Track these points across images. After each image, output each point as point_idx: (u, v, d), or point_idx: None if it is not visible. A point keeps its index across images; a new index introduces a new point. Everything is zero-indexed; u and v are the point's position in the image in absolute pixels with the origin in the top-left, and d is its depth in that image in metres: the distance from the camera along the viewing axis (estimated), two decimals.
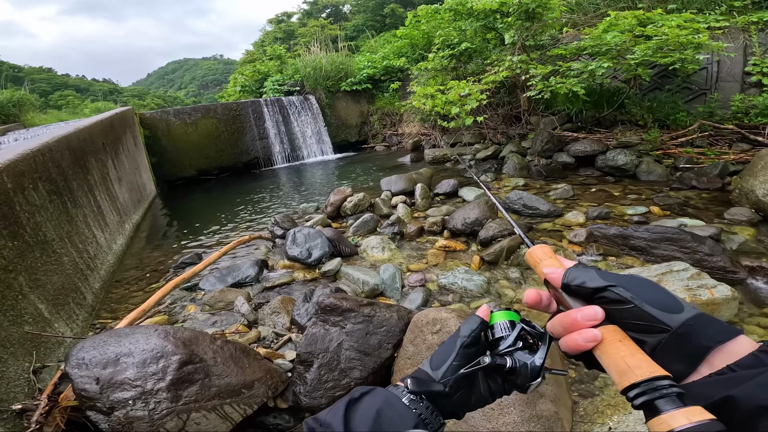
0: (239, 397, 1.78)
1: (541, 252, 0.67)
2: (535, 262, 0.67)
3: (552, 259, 0.65)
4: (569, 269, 0.57)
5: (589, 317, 0.50)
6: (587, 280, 0.53)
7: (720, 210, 3.82)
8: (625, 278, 0.52)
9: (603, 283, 0.51)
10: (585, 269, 0.55)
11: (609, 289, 0.51)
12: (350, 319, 2.14)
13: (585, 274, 0.55)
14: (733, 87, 5.51)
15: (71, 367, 1.63)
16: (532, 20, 6.26)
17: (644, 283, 0.51)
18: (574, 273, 0.56)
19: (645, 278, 0.52)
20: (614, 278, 0.52)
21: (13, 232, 2.37)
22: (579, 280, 0.54)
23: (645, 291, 0.50)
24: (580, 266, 0.56)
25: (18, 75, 37.66)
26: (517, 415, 1.57)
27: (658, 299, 0.48)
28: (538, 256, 0.67)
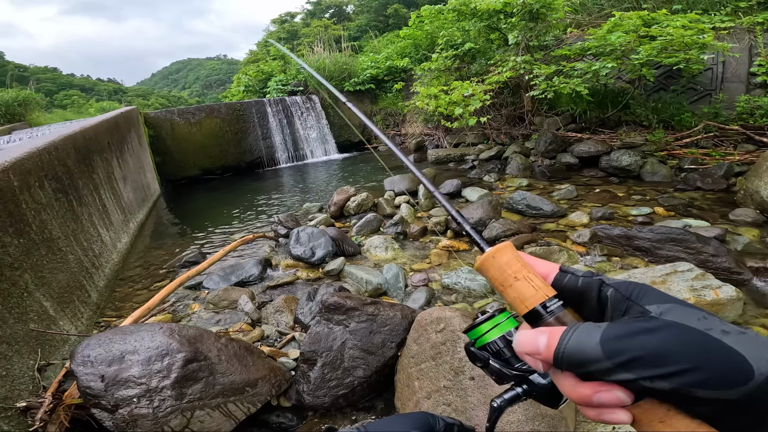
0: (243, 396, 1.78)
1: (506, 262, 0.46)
2: (501, 280, 0.46)
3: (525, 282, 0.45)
4: (562, 346, 0.38)
5: (611, 403, 0.36)
6: (598, 370, 0.35)
7: (725, 211, 3.80)
8: (661, 348, 0.34)
9: (627, 377, 0.34)
10: (586, 335, 0.37)
11: (641, 382, 0.34)
12: (354, 318, 2.14)
13: (591, 352, 0.36)
14: (739, 88, 5.48)
15: (76, 364, 1.63)
16: (536, 21, 6.25)
17: (694, 355, 0.33)
18: (574, 353, 0.37)
19: (692, 332, 0.34)
20: (647, 353, 0.34)
21: (19, 230, 2.38)
22: (586, 369, 0.36)
23: (696, 369, 0.33)
24: (579, 334, 0.38)
25: (23, 74, 37.87)
26: (522, 413, 1.56)
27: (716, 378, 0.33)
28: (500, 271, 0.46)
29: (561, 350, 0.38)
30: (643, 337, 0.35)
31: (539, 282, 0.45)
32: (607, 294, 0.42)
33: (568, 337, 0.38)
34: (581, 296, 0.44)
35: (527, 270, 0.45)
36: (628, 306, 0.40)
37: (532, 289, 0.44)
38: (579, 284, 0.44)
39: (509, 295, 0.46)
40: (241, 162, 9.49)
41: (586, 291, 0.43)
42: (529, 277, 0.45)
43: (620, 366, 0.34)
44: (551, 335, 0.39)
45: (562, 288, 0.45)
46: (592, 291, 0.43)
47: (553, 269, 0.47)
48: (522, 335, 0.42)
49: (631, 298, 0.40)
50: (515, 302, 0.45)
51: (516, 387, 0.48)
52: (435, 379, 1.79)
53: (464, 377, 1.71)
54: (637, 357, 0.34)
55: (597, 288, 0.43)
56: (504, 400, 0.48)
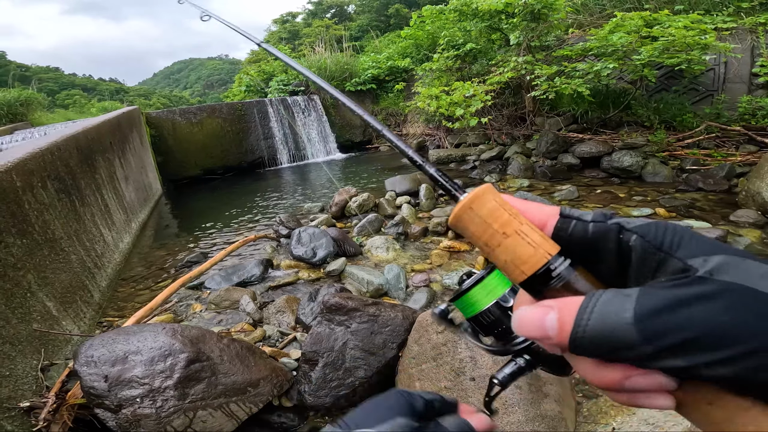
0: (245, 396, 1.79)
1: (489, 212, 0.34)
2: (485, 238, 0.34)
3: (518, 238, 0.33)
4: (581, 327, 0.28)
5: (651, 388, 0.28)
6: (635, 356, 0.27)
7: (726, 212, 3.80)
8: (720, 324, 0.25)
9: (675, 363, 0.26)
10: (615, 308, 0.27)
11: (692, 370, 0.26)
12: (355, 318, 2.15)
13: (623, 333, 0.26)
14: (741, 88, 5.48)
15: (80, 364, 1.64)
16: (537, 21, 6.26)
17: (762, 328, 0.24)
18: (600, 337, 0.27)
19: (758, 298, 0.25)
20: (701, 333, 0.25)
21: (22, 230, 2.40)
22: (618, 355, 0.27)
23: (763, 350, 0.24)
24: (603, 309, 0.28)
25: (25, 74, 37.96)
26: (522, 414, 1.57)
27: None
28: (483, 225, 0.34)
29: (580, 334, 0.28)
30: (695, 308, 0.26)
31: (537, 236, 0.34)
32: (629, 243, 0.31)
33: (587, 313, 0.28)
34: (594, 249, 0.33)
35: (519, 220, 0.34)
36: (661, 259, 0.30)
37: (529, 246, 0.33)
38: (590, 232, 0.33)
39: (499, 257, 0.34)
40: (243, 162, 9.51)
41: (600, 241, 0.33)
42: (523, 230, 0.34)
43: (666, 351, 0.26)
44: (563, 311, 0.29)
45: (567, 240, 0.34)
46: (609, 240, 0.32)
47: (552, 215, 0.35)
48: (522, 314, 0.32)
49: (663, 248, 0.30)
50: (508, 267, 0.34)
51: (517, 358, 0.39)
52: (436, 380, 1.80)
53: (465, 378, 1.72)
54: (689, 339, 0.25)
55: (615, 235, 0.32)
56: (505, 376, 0.39)
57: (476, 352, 1.76)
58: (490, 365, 1.68)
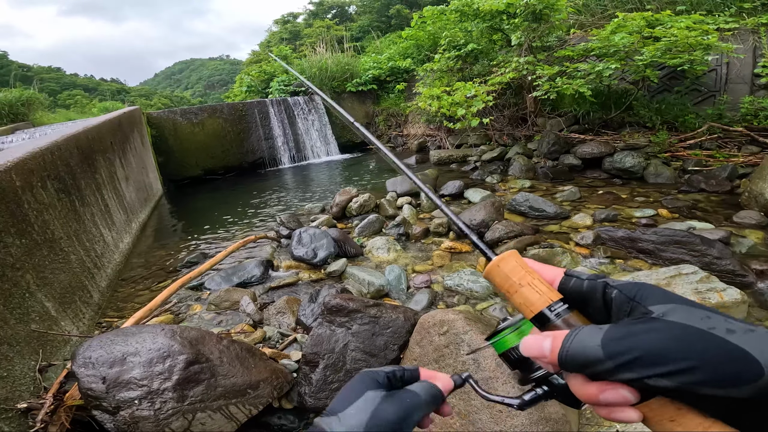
0: (245, 398, 1.77)
1: (510, 269, 0.48)
2: (507, 287, 0.48)
3: (530, 288, 0.46)
4: (565, 349, 0.39)
5: (616, 402, 0.36)
6: (601, 370, 0.36)
7: (729, 213, 3.78)
8: (661, 347, 0.34)
9: (629, 376, 0.35)
10: (588, 337, 0.37)
11: (644, 381, 0.34)
12: (356, 319, 2.13)
13: (592, 353, 0.36)
14: (743, 89, 5.46)
15: (78, 365, 1.63)
16: (539, 21, 6.24)
17: (696, 354, 0.33)
18: (576, 354, 0.38)
19: (695, 332, 0.34)
20: (646, 352, 0.34)
21: (21, 230, 2.38)
22: (589, 370, 0.37)
23: (699, 367, 0.32)
24: (581, 336, 0.38)
25: (27, 74, 38.00)
26: (525, 417, 1.55)
27: (720, 375, 0.32)
28: (505, 278, 0.48)
29: (564, 353, 0.38)
30: (643, 336, 0.35)
31: (543, 287, 0.46)
32: (611, 296, 0.43)
33: (570, 339, 0.39)
34: (586, 299, 0.45)
35: (531, 276, 0.47)
36: (632, 307, 0.40)
37: (536, 294, 0.45)
38: (584, 287, 0.45)
39: (515, 300, 0.47)
40: (243, 162, 9.50)
41: (590, 293, 0.44)
42: (534, 282, 0.46)
43: (622, 366, 0.35)
44: (555, 338, 0.40)
45: (568, 291, 0.46)
46: (597, 293, 0.44)
47: (559, 274, 0.48)
48: (527, 339, 0.43)
49: (636, 299, 0.41)
50: (521, 307, 0.47)
51: (537, 388, 0.48)
52: None
53: None
54: (636, 357, 0.34)
55: (602, 290, 0.44)
56: (524, 401, 0.48)
57: (479, 354, 1.74)
58: (493, 367, 1.66)
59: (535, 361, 0.43)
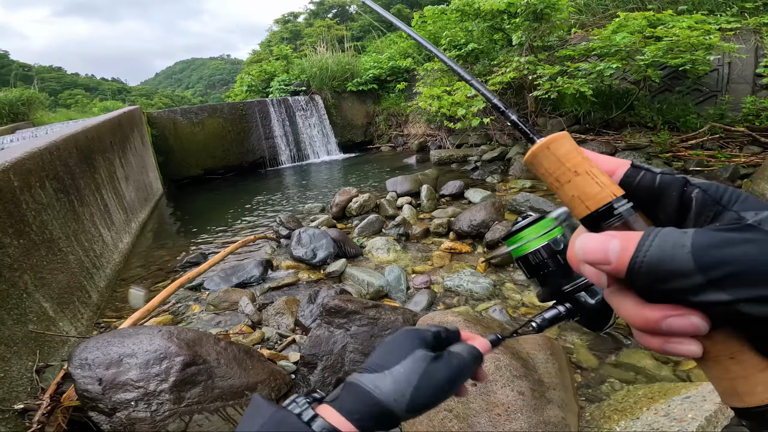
0: (242, 399, 1.76)
1: (564, 153, 0.38)
2: (557, 175, 0.38)
3: (588, 177, 0.37)
4: (641, 253, 0.30)
5: (684, 331, 0.30)
6: (686, 287, 0.28)
7: None
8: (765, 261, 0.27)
9: (721, 297, 0.27)
10: (673, 241, 0.29)
11: (737, 306, 0.27)
12: (355, 321, 2.12)
13: (679, 262, 0.28)
14: (745, 89, 5.44)
15: (74, 367, 1.62)
16: (540, 21, 6.22)
17: None
18: (657, 263, 0.29)
19: None
20: (749, 268, 0.27)
21: (19, 231, 2.37)
22: (670, 285, 0.29)
23: None
24: (662, 239, 0.29)
25: (28, 74, 38.05)
26: (524, 421, 1.54)
27: None
28: (557, 163, 0.38)
29: (641, 258, 0.30)
30: (744, 247, 0.28)
31: (605, 178, 0.37)
32: (691, 195, 0.34)
33: (649, 242, 0.30)
34: (658, 198, 0.36)
35: (589, 164, 0.38)
36: (717, 211, 0.33)
37: (596, 185, 0.36)
38: (657, 182, 0.36)
39: (566, 192, 0.38)
40: (244, 162, 9.50)
41: (665, 191, 0.35)
42: (593, 172, 0.37)
43: (714, 283, 0.27)
44: (626, 239, 0.31)
45: (634, 187, 0.37)
46: (673, 191, 0.35)
47: (622, 165, 0.38)
48: (587, 238, 0.33)
49: (722, 202, 0.33)
50: (573, 201, 0.38)
51: (558, 306, 0.42)
52: None
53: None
54: (736, 272, 0.27)
55: (680, 187, 0.35)
56: (544, 320, 0.43)
57: None
58: (492, 370, 1.65)
59: (582, 270, 0.34)
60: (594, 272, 0.33)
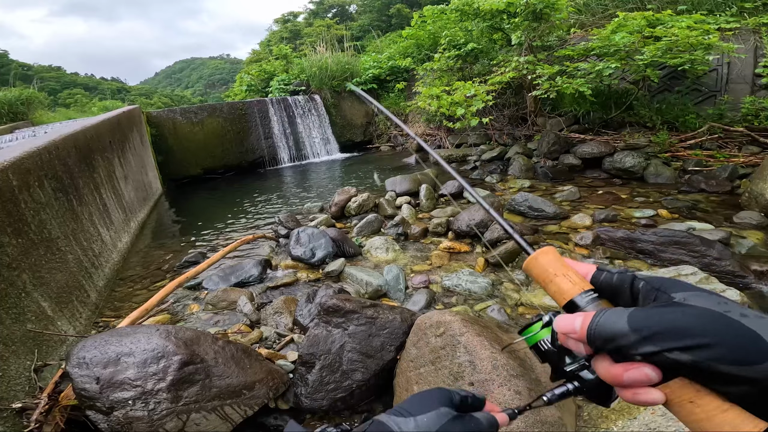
0: (240, 398, 1.77)
1: (548, 262, 0.53)
2: (543, 277, 0.53)
3: (564, 278, 0.51)
4: (594, 323, 0.43)
5: (640, 382, 0.39)
6: (625, 344, 0.39)
7: (729, 213, 3.76)
8: (682, 323, 0.38)
9: (651, 349, 0.38)
10: (616, 315, 0.41)
11: (663, 354, 0.37)
12: (353, 320, 2.12)
13: (618, 327, 0.40)
14: (744, 89, 5.43)
15: (72, 366, 1.62)
16: (539, 21, 6.22)
17: (713, 331, 0.36)
18: (603, 329, 0.42)
19: (712, 313, 0.38)
20: (667, 328, 0.38)
21: (18, 230, 2.37)
22: (614, 344, 0.40)
23: (715, 344, 0.36)
24: (609, 314, 0.42)
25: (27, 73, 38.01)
26: (522, 420, 1.54)
27: (734, 353, 0.35)
28: (543, 269, 0.53)
29: (593, 327, 0.42)
30: (665, 315, 0.39)
31: (576, 278, 0.50)
32: (638, 286, 0.47)
33: (599, 316, 0.43)
34: (616, 290, 0.49)
35: (566, 268, 0.51)
36: (657, 296, 0.44)
37: (569, 283, 0.50)
38: (614, 280, 0.49)
39: (550, 289, 0.52)
40: (243, 161, 9.49)
41: (620, 285, 0.49)
42: (567, 274, 0.51)
43: (645, 339, 0.38)
44: (585, 316, 0.44)
45: (599, 284, 0.50)
46: (626, 284, 0.48)
47: (591, 269, 0.52)
48: (561, 317, 0.47)
49: (660, 288, 0.45)
50: (555, 295, 0.51)
51: (567, 383, 0.50)
52: (434, 384, 1.77)
53: (464, 382, 1.69)
54: (659, 331, 0.38)
55: (630, 282, 0.48)
56: (554, 395, 0.51)
57: (475, 356, 1.73)
58: (489, 370, 1.65)
59: (564, 342, 0.47)
60: (574, 343, 0.46)
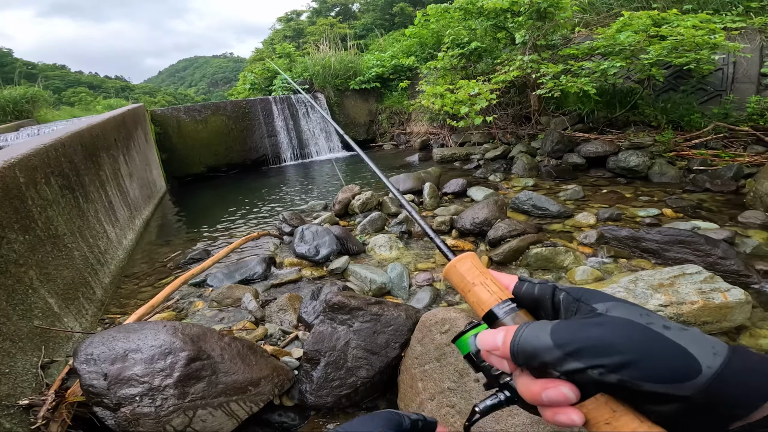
0: (246, 395, 1.77)
1: (466, 270, 0.50)
2: (462, 286, 0.50)
3: (482, 287, 0.48)
4: (516, 339, 0.41)
5: (558, 402, 0.37)
6: (549, 360, 0.38)
7: (734, 213, 3.75)
8: (607, 338, 0.36)
9: (575, 366, 0.36)
10: (539, 329, 0.40)
11: (587, 372, 0.36)
12: (358, 317, 2.13)
13: (542, 342, 0.39)
14: (749, 88, 5.41)
15: (79, 362, 1.63)
16: (543, 20, 6.20)
17: (638, 346, 0.35)
18: (527, 344, 0.40)
19: (635, 326, 0.37)
20: (591, 343, 0.36)
21: (25, 226, 2.39)
22: (538, 360, 0.39)
23: (640, 361, 0.34)
24: (532, 328, 0.41)
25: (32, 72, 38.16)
26: (526, 416, 1.54)
27: (660, 370, 0.33)
28: (461, 278, 0.50)
29: (516, 342, 0.41)
30: (590, 329, 0.38)
31: (495, 287, 0.49)
32: (559, 297, 0.46)
33: (522, 331, 0.41)
34: (537, 301, 0.48)
35: (484, 277, 0.50)
36: (578, 307, 0.44)
37: (488, 293, 0.48)
38: (535, 291, 0.48)
39: (469, 299, 0.50)
40: (247, 159, 9.51)
41: (541, 296, 0.48)
42: (486, 282, 0.49)
43: (569, 355, 0.37)
44: (507, 331, 0.43)
45: (520, 295, 0.49)
46: (547, 295, 0.47)
47: (513, 279, 0.51)
48: (482, 333, 0.45)
49: (581, 299, 0.44)
50: (474, 305, 0.49)
51: (499, 393, 0.48)
52: (439, 381, 1.77)
53: (469, 379, 1.69)
54: (583, 347, 0.36)
55: (551, 293, 0.47)
56: (486, 406, 0.49)
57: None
58: None
59: (487, 358, 0.45)
60: (498, 360, 0.44)
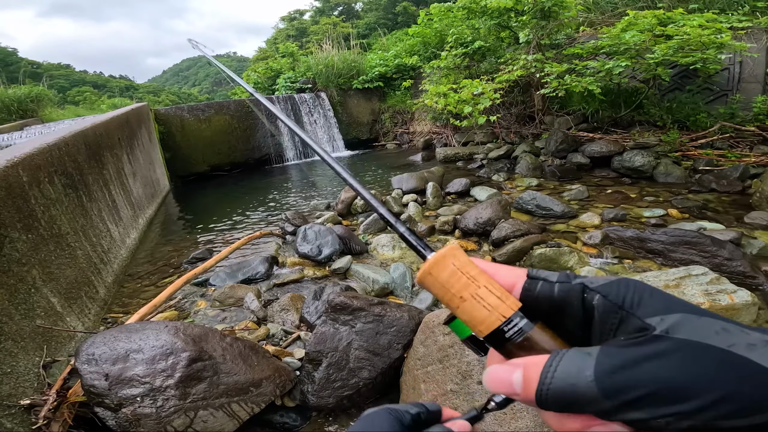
0: (247, 396, 1.77)
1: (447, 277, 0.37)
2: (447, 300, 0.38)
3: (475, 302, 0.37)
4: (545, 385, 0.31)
5: None
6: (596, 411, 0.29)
7: (740, 214, 3.72)
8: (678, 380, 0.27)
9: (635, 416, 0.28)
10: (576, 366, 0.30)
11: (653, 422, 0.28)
12: (360, 318, 2.12)
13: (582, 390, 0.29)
14: (756, 88, 5.37)
15: (81, 362, 1.63)
16: (547, 19, 6.17)
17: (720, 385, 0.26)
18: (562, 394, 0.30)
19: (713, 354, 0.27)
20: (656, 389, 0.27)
21: (28, 225, 2.39)
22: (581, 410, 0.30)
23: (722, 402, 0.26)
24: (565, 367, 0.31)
25: (36, 71, 38.36)
26: (530, 420, 1.53)
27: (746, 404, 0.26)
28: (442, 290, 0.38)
29: (545, 390, 0.30)
30: (651, 365, 0.28)
31: (493, 299, 0.36)
32: (593, 303, 0.34)
33: (551, 372, 0.30)
34: (560, 307, 0.35)
35: (476, 283, 0.36)
36: (621, 317, 0.32)
37: (484, 310, 0.36)
38: (555, 293, 0.35)
39: (461, 317, 0.38)
40: (250, 159, 9.51)
41: (565, 301, 0.35)
42: (479, 294, 0.36)
43: (626, 405, 0.28)
44: (528, 369, 0.32)
45: (534, 300, 0.36)
46: (574, 299, 0.34)
47: (520, 277, 0.38)
48: (491, 371, 0.34)
49: (625, 306, 0.32)
50: (469, 325, 0.37)
51: None
52: (442, 383, 1.76)
53: (472, 381, 1.68)
54: (647, 394, 0.27)
55: (579, 295, 0.34)
56: (503, 399, 0.40)
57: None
58: None
59: None
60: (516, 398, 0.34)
